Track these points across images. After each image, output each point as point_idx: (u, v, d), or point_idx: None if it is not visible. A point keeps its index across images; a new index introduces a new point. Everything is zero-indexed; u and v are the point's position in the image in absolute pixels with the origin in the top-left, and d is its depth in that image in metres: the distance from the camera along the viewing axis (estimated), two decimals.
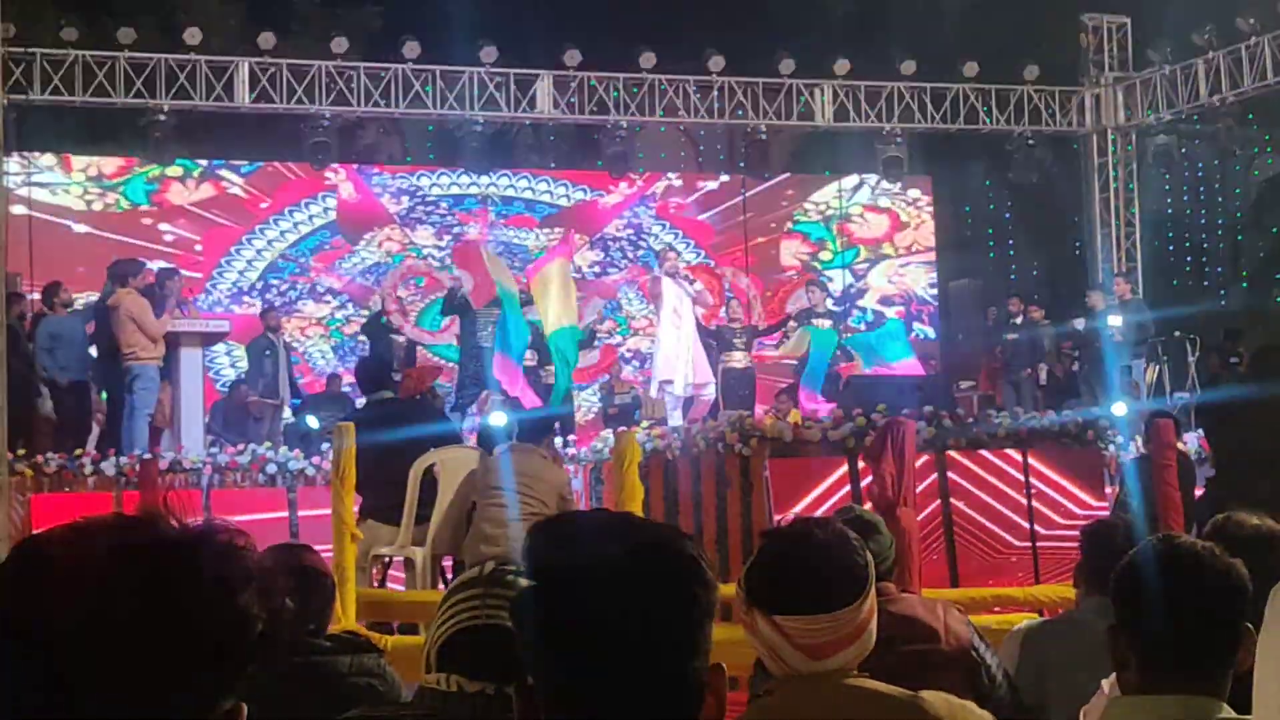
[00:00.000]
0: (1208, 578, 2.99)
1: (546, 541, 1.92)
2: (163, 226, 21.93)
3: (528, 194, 23.74)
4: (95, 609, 1.57)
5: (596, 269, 24.16)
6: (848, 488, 11.56)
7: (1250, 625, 2.96)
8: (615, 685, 1.83)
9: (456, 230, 23.50)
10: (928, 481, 11.79)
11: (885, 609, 4.39)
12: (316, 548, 5.49)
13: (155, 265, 17.59)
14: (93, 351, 16.19)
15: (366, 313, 21.76)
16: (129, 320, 15.14)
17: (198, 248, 22.08)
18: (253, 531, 1.78)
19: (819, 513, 9.45)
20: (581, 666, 1.84)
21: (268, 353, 18.32)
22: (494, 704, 2.80)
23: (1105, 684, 3.42)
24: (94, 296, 17.36)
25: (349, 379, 18.21)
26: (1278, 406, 11.66)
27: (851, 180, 24.14)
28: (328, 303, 23.16)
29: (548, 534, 1.93)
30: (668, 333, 17.24)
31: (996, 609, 8.61)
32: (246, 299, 22.10)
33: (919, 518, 10.24)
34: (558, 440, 13.44)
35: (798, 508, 11.20)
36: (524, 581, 1.94)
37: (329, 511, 9.39)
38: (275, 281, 22.60)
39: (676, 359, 17.15)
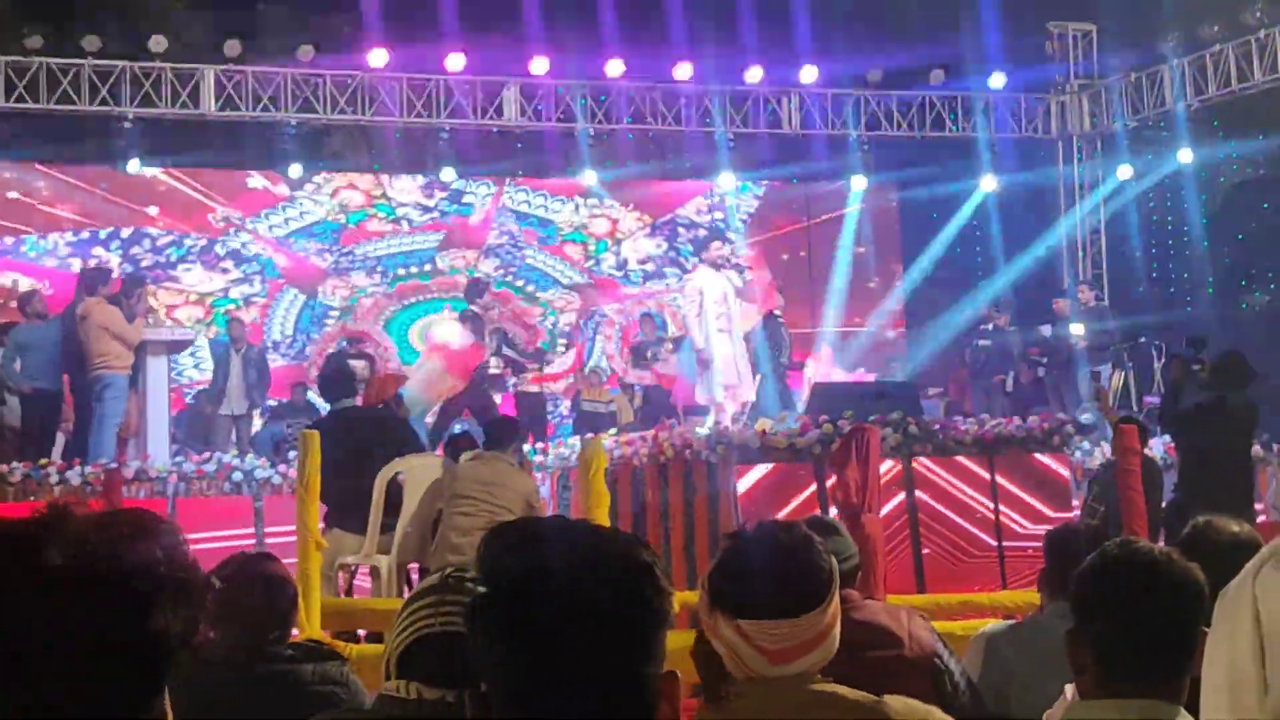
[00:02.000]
0: (1165, 583, 3.01)
1: (500, 547, 1.92)
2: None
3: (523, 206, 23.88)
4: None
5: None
6: (815, 493, 11.59)
7: (1208, 630, 2.97)
8: (568, 692, 1.83)
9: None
10: (894, 488, 11.83)
11: (849, 615, 4.39)
12: (282, 556, 5.48)
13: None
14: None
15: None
16: (101, 329, 15.03)
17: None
18: (218, 541, 1.77)
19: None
20: (534, 673, 1.84)
21: (222, 363, 18.33)
22: (453, 710, 2.80)
23: (1068, 689, 3.42)
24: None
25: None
26: (1238, 412, 11.76)
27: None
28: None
29: (502, 540, 1.93)
30: (715, 334, 15.34)
31: (963, 615, 8.63)
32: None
33: (885, 522, 10.27)
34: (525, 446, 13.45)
35: (765, 515, 11.21)
36: (480, 588, 1.94)
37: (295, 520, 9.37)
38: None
39: (732, 363, 15.45)
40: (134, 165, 20.10)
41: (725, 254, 16.13)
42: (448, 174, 21.76)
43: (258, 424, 19.62)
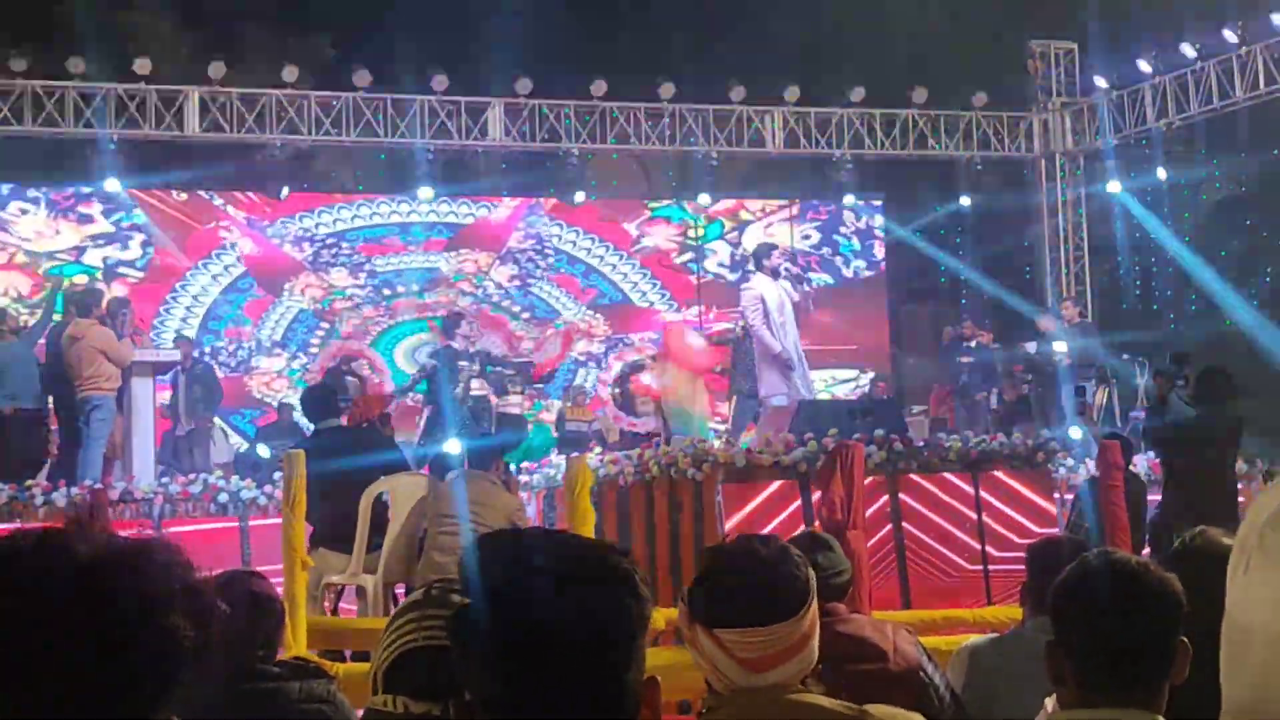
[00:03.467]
0: (1143, 592, 3.02)
1: (480, 559, 1.94)
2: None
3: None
4: (21, 627, 1.58)
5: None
6: (800, 511, 11.59)
7: (1186, 640, 2.99)
8: (550, 698, 1.85)
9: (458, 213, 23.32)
10: (879, 504, 11.84)
11: (834, 629, 4.42)
12: (268, 576, 5.48)
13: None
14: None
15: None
16: (95, 351, 14.95)
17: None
18: (204, 561, 1.78)
19: None
20: (516, 680, 1.86)
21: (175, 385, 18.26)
22: None
23: (1049, 702, 3.45)
24: None
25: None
26: (1222, 427, 11.80)
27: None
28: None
29: (482, 551, 1.95)
30: (770, 343, 15.08)
31: (948, 631, 8.64)
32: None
33: (871, 541, 10.29)
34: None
35: (750, 531, 11.21)
36: (463, 599, 1.96)
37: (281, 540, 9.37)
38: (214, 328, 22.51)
39: (794, 372, 15.15)
40: (113, 185, 20.03)
41: (784, 263, 15.74)
42: (426, 193, 21.62)
43: (238, 441, 19.61)
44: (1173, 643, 2.98)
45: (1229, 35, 19.86)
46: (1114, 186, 22.14)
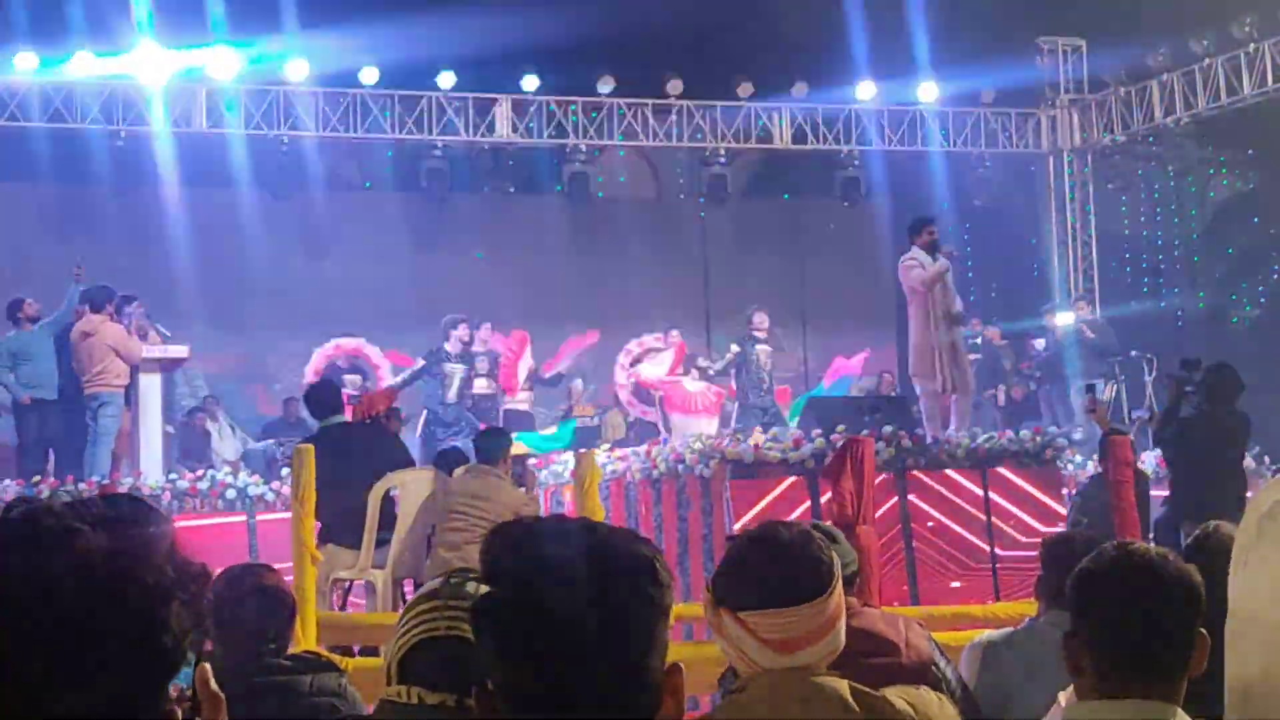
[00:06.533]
0: (1162, 583, 3.02)
1: (502, 546, 1.93)
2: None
3: None
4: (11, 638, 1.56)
5: None
6: (808, 507, 11.60)
7: (1205, 631, 2.98)
8: (572, 685, 1.85)
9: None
10: (889, 501, 11.83)
11: (847, 622, 4.41)
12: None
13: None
14: None
15: None
16: (107, 347, 14.95)
17: None
18: (213, 557, 1.76)
19: None
20: (539, 668, 1.85)
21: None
22: (455, 715, 2.81)
23: (1062, 696, 3.44)
24: None
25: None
26: (1229, 424, 11.77)
27: None
28: None
29: (504, 538, 1.95)
30: (938, 330, 14.40)
31: (956, 627, 8.63)
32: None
33: (879, 536, 10.28)
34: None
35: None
36: (483, 589, 1.95)
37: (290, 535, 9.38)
38: None
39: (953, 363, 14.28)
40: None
41: (936, 238, 15.15)
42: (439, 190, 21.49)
43: (251, 440, 19.60)
44: (1191, 634, 2.98)
45: (1237, 30, 19.83)
46: (1113, 185, 22.13)
